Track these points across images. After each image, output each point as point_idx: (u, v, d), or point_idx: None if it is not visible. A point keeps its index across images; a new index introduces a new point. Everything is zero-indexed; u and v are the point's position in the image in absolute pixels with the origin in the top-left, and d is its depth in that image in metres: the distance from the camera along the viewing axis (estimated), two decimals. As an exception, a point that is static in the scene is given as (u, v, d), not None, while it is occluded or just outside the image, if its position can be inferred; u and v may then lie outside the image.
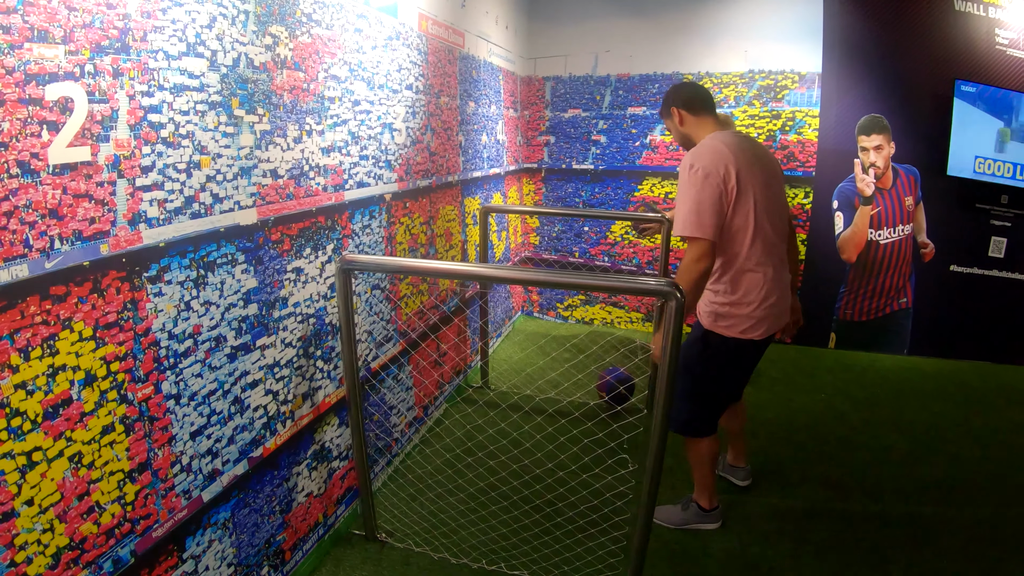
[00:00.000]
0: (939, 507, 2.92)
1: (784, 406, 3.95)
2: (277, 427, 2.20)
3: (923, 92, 4.54)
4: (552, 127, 5.31)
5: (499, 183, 4.69)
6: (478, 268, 2.46)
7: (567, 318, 5.59)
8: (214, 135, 1.81)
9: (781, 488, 3.04)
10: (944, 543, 2.66)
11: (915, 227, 4.75)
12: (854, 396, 4.16)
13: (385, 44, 2.78)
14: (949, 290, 4.82)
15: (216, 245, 1.85)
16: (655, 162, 5.10)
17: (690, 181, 2.26)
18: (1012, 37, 4.43)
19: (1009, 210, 4.60)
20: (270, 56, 2.03)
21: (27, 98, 1.29)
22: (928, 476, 3.18)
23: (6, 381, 1.31)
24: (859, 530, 2.74)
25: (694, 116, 2.47)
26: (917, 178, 4.67)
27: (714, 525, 2.73)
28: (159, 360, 1.68)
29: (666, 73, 4.93)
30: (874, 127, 4.62)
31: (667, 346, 1.97)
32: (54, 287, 1.39)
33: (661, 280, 1.96)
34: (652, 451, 2.06)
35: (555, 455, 2.96)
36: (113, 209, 1.51)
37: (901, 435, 3.62)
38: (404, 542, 2.61)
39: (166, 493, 1.73)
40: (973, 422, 3.81)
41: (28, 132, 1.30)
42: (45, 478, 1.40)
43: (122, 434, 1.58)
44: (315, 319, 2.39)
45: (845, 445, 3.49)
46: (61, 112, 1.36)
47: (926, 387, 4.35)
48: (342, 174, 2.51)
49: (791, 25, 4.61)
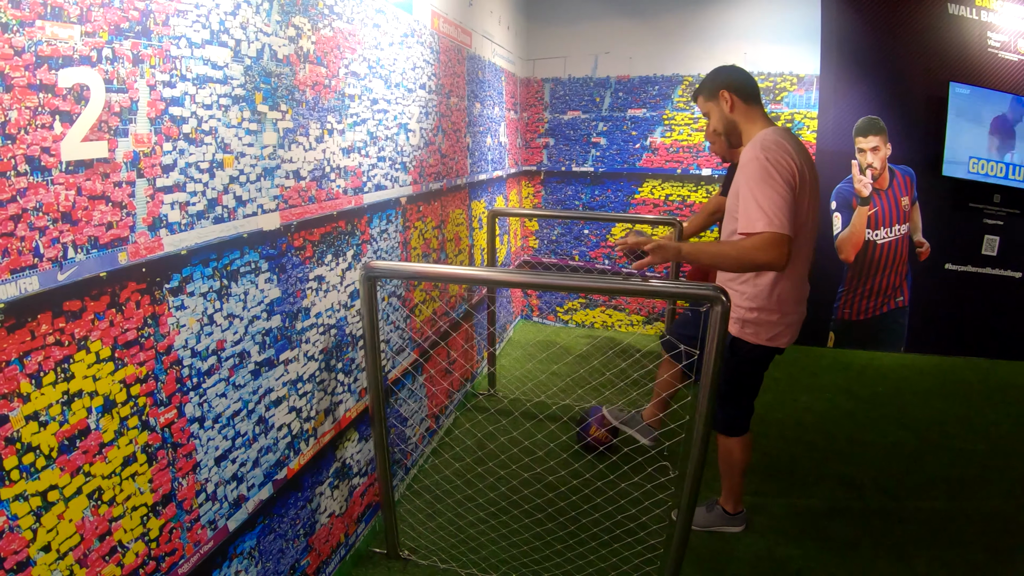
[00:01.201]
0: (952, 501, 2.87)
1: (790, 406, 3.85)
2: (300, 446, 1.98)
3: (918, 94, 4.47)
4: (551, 129, 5.12)
5: (501, 186, 4.49)
6: (510, 274, 2.24)
7: (567, 322, 5.40)
8: (237, 132, 1.59)
9: (798, 488, 2.96)
10: (961, 536, 2.62)
11: (911, 227, 4.66)
12: (857, 394, 4.06)
13: (401, 41, 2.57)
14: (944, 288, 4.75)
15: (239, 252, 1.63)
16: (655, 164, 4.93)
17: (764, 171, 1.99)
18: (1004, 40, 4.39)
19: (1001, 209, 4.55)
20: (293, 49, 1.82)
21: (38, 84, 1.07)
22: (938, 471, 3.12)
23: (16, 412, 1.09)
24: (879, 527, 2.67)
25: (745, 104, 2.22)
26: (913, 178, 4.58)
27: (738, 528, 2.61)
28: (182, 380, 1.46)
29: (666, 75, 4.77)
30: (871, 128, 4.51)
31: (711, 353, 1.83)
32: (68, 302, 1.17)
33: (706, 284, 1.81)
34: (693, 458, 1.94)
35: (570, 463, 2.78)
36: (132, 213, 1.29)
37: (907, 432, 3.55)
38: (428, 559, 2.40)
39: (191, 525, 1.51)
40: (974, 417, 3.77)
41: (39, 123, 1.08)
42: (63, 519, 1.18)
43: (144, 464, 1.36)
44: (336, 330, 2.18)
45: (854, 443, 3.41)
46: (76, 101, 1.14)
47: (925, 384, 4.27)
48: (361, 176, 2.29)
49: (790, 28, 4.48)
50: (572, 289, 2.51)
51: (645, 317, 5.20)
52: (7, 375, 1.07)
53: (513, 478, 2.81)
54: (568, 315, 5.39)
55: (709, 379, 1.86)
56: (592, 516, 2.55)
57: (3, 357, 1.06)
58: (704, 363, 1.86)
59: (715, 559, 2.46)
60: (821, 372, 4.40)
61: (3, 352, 1.06)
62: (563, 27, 4.90)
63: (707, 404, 1.89)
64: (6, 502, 1.08)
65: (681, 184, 4.91)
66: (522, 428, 3.26)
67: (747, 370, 2.33)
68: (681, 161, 4.88)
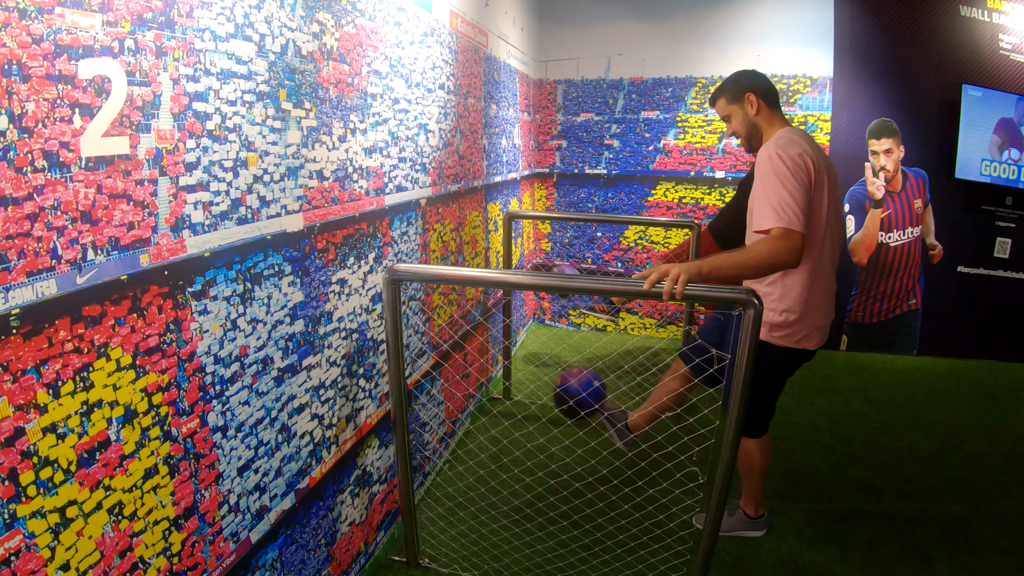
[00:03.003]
0: (971, 504, 2.80)
1: (807, 409, 3.76)
2: (322, 454, 1.89)
3: (931, 96, 4.38)
4: (564, 131, 5.02)
5: (515, 188, 4.39)
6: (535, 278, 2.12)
7: (579, 325, 5.30)
8: (261, 130, 1.50)
9: (817, 492, 2.88)
10: (981, 539, 2.55)
11: (924, 229, 4.56)
12: (872, 397, 3.97)
13: (421, 40, 2.48)
14: (957, 291, 4.65)
15: (263, 255, 1.54)
16: (669, 167, 4.83)
17: (776, 168, 1.94)
18: (1015, 42, 4.31)
19: (1014, 211, 4.46)
20: (317, 45, 1.73)
21: (57, 74, 0.98)
22: (955, 475, 3.05)
23: (33, 424, 1.00)
24: (899, 531, 2.60)
25: (769, 109, 2.16)
26: (926, 181, 4.48)
27: (759, 532, 2.54)
28: (204, 388, 1.37)
29: (679, 77, 4.67)
30: (884, 131, 4.42)
31: (743, 356, 1.75)
32: (87, 307, 1.08)
33: (738, 288, 1.73)
34: (724, 461, 1.86)
35: (596, 469, 2.68)
36: (154, 212, 1.20)
37: (923, 435, 3.47)
38: (449, 567, 2.31)
39: (214, 538, 1.42)
40: (989, 420, 3.68)
41: (58, 116, 0.99)
42: (82, 536, 1.09)
43: (166, 476, 1.27)
44: (357, 334, 2.09)
45: (871, 446, 3.33)
46: (96, 94, 1.05)
47: (939, 387, 4.18)
48: (383, 177, 2.20)
49: (803, 30, 4.39)
50: (601, 292, 2.44)
51: (658, 320, 5.11)
52: (23, 385, 0.98)
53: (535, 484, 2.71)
54: (580, 318, 5.29)
55: (740, 384, 1.78)
56: (618, 523, 2.45)
57: (19, 366, 0.97)
58: (735, 368, 1.78)
59: (738, 565, 2.38)
60: (835, 375, 4.30)
61: (19, 360, 0.97)
62: (576, 29, 4.80)
63: (738, 410, 1.81)
64: (23, 519, 0.99)
65: (695, 187, 4.81)
66: (540, 433, 3.16)
67: (773, 375, 2.24)
68: (695, 163, 4.78)
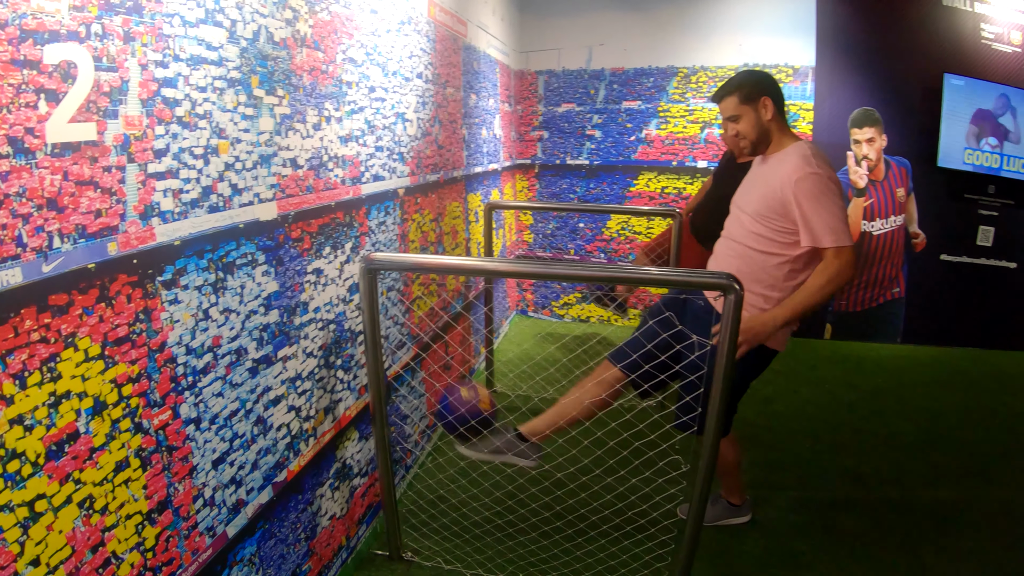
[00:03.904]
0: (956, 491, 2.85)
1: (792, 398, 3.80)
2: (300, 447, 1.89)
3: (913, 85, 4.42)
4: (545, 122, 5.02)
5: (496, 179, 4.39)
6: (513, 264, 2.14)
7: (562, 316, 5.32)
8: (232, 116, 1.49)
9: (804, 480, 2.91)
10: (967, 525, 2.60)
11: (907, 218, 4.62)
12: (857, 385, 4.02)
13: (398, 28, 2.47)
14: (940, 279, 4.71)
15: (235, 243, 1.54)
16: (651, 157, 4.85)
17: (825, 187, 1.97)
18: (997, 32, 4.36)
19: (996, 200, 4.52)
20: (290, 32, 1.72)
21: (22, 59, 0.97)
22: (941, 462, 3.10)
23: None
24: (885, 518, 2.64)
25: (780, 114, 2.15)
26: (908, 170, 4.54)
27: (745, 518, 2.57)
28: (176, 379, 1.36)
29: (660, 67, 4.69)
30: (866, 120, 4.46)
31: (724, 342, 1.76)
32: (54, 296, 1.07)
33: (718, 272, 1.75)
34: (706, 451, 1.90)
35: (578, 459, 2.69)
36: (123, 200, 1.19)
37: (908, 422, 3.52)
38: (432, 560, 2.31)
39: (189, 533, 1.41)
40: (973, 407, 3.74)
41: (23, 102, 0.98)
42: (52, 531, 1.08)
43: (138, 470, 1.26)
44: (335, 325, 2.09)
45: (857, 434, 3.38)
46: (63, 79, 1.04)
47: (923, 374, 4.24)
48: (359, 166, 2.20)
49: (785, 19, 4.42)
50: (578, 279, 2.43)
51: (641, 311, 5.13)
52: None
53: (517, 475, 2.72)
54: (564, 309, 5.31)
55: (723, 371, 1.79)
56: (601, 513, 2.47)
57: (-17, 356, 0.97)
58: (718, 355, 1.80)
59: (724, 554, 2.40)
60: (820, 364, 4.35)
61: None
62: (557, 19, 4.80)
63: (720, 397, 1.83)
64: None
65: (677, 176, 4.84)
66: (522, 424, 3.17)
67: (754, 374, 2.26)
68: (676, 153, 4.80)
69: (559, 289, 5.27)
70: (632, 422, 2.36)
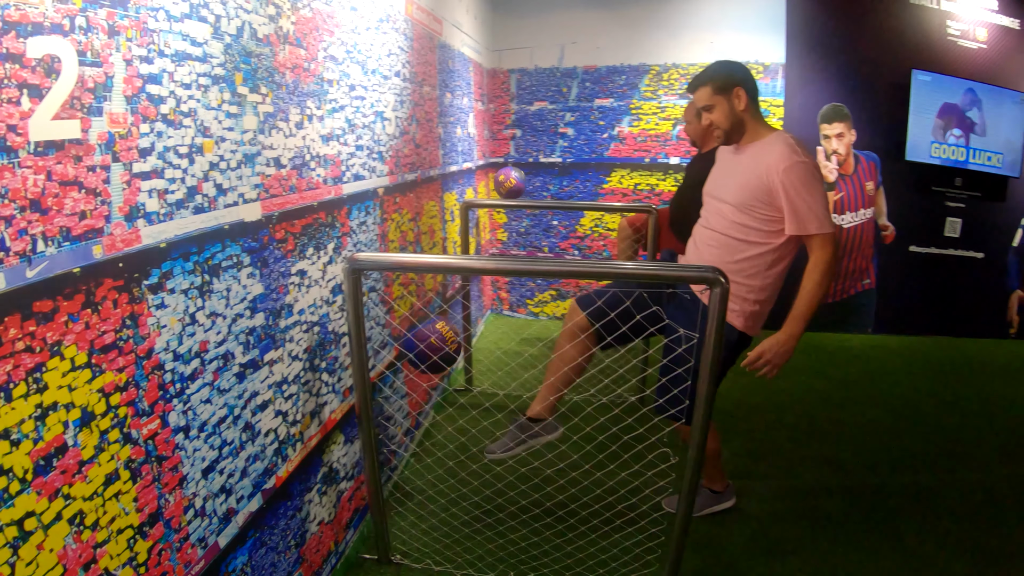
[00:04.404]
0: (933, 474, 2.92)
1: (768, 389, 3.80)
2: (288, 452, 1.84)
3: (881, 81, 4.52)
4: (518, 120, 5.00)
5: (471, 178, 4.36)
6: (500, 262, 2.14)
7: (538, 314, 5.30)
8: (217, 115, 1.44)
9: (784, 469, 2.95)
10: (945, 507, 2.66)
11: (876, 210, 4.71)
12: (831, 376, 4.08)
13: (377, 26, 2.42)
14: (909, 270, 4.81)
15: (221, 245, 1.49)
16: (623, 154, 4.86)
17: (812, 176, 2.02)
18: (963, 28, 4.48)
19: (963, 192, 4.64)
20: (273, 28, 1.67)
21: (4, 52, 0.92)
22: (916, 447, 3.17)
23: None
24: (866, 503, 2.68)
25: (754, 105, 2.17)
26: (877, 164, 4.63)
27: (729, 503, 2.60)
28: (164, 387, 1.31)
29: (633, 64, 4.70)
30: (835, 115, 4.54)
31: (711, 335, 1.78)
32: (38, 302, 1.02)
33: (703, 266, 1.79)
34: (694, 443, 1.91)
35: (566, 454, 2.68)
36: (107, 201, 1.14)
37: (882, 410, 3.59)
38: (422, 562, 2.28)
39: (181, 545, 1.36)
40: (945, 394, 3.83)
41: (5, 97, 0.93)
42: (43, 549, 1.03)
43: (128, 482, 1.21)
44: (319, 327, 2.04)
45: (833, 423, 3.43)
46: (46, 74, 0.99)
47: (895, 363, 4.33)
48: (340, 165, 2.15)
49: (755, 17, 4.47)
50: (565, 275, 2.43)
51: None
52: (-28, 388, 0.92)
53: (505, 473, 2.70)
54: (539, 307, 5.29)
55: (709, 364, 1.81)
56: (591, 508, 2.47)
57: (-34, 367, 0.91)
58: (704, 348, 1.82)
59: (711, 544, 2.41)
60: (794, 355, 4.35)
61: (-34, 362, 0.91)
62: (529, 17, 4.79)
63: (708, 389, 1.85)
64: (-23, 534, 0.93)
65: (650, 173, 4.86)
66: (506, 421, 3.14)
67: (732, 361, 2.27)
68: (649, 150, 4.83)
69: (534, 287, 5.26)
70: (621, 416, 2.37)
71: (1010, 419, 3.52)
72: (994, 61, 4.50)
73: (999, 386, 3.97)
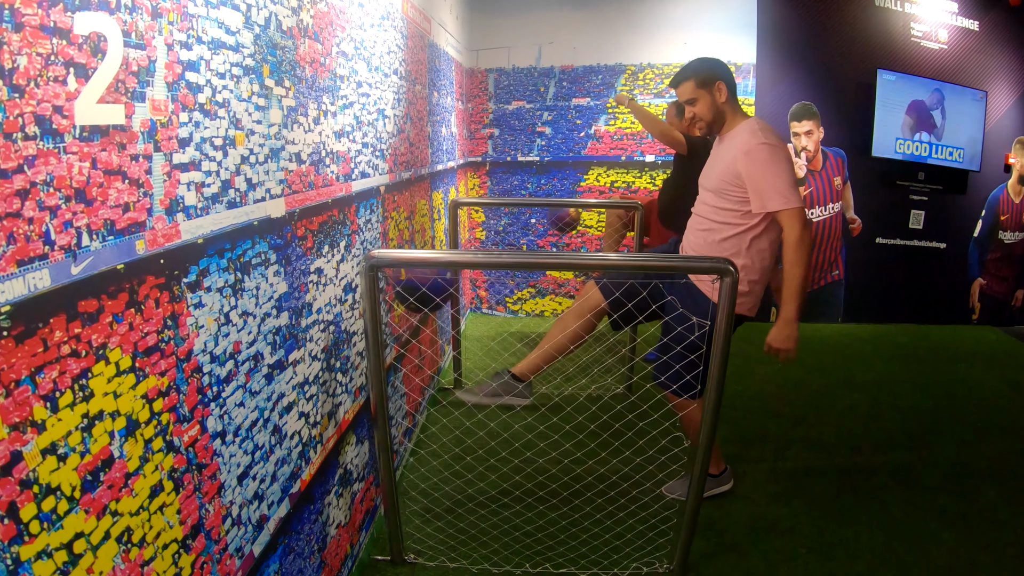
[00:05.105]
0: (912, 452, 3.00)
1: (749, 378, 3.85)
2: (310, 454, 1.74)
3: (848, 80, 4.60)
4: (496, 119, 4.92)
5: (453, 177, 4.26)
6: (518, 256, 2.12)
7: (517, 312, 5.23)
8: (247, 107, 1.33)
9: (774, 453, 2.98)
10: (927, 483, 2.73)
11: (843, 205, 4.79)
12: (807, 363, 4.10)
13: (379, 23, 2.32)
14: (876, 261, 4.91)
15: (251, 242, 1.38)
16: (600, 152, 4.83)
17: (773, 155, 2.10)
18: (925, 30, 4.59)
19: (926, 185, 4.75)
20: (295, 21, 1.56)
21: (52, 26, 0.81)
22: (895, 427, 3.24)
23: (31, 446, 0.82)
24: (853, 482, 2.73)
25: (733, 97, 2.29)
26: (844, 160, 4.70)
27: (727, 486, 2.61)
28: (202, 390, 1.20)
29: (609, 64, 4.67)
30: (804, 114, 4.59)
31: (721, 323, 1.85)
32: (83, 301, 0.90)
33: (714, 258, 1.85)
34: (705, 426, 1.96)
35: (560, 444, 2.62)
36: (149, 193, 1.03)
37: (858, 394, 3.65)
38: (436, 559, 2.19)
39: (220, 556, 1.25)
40: (916, 377, 3.91)
41: (51, 75, 0.81)
42: (92, 573, 0.91)
43: (172, 493, 1.10)
44: (333, 326, 1.93)
45: (814, 408, 3.47)
46: (92, 53, 0.88)
47: (865, 350, 4.39)
48: (350, 162, 2.05)
49: (727, 18, 4.49)
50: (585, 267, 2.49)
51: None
52: (18, 399, 0.80)
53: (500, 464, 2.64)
54: (518, 305, 5.22)
55: (719, 352, 1.87)
56: (607, 495, 2.45)
57: (11, 375, 0.79)
58: (715, 336, 1.88)
59: (714, 527, 2.41)
60: (769, 346, 4.41)
61: (12, 369, 0.79)
62: (507, 17, 4.71)
63: (718, 375, 1.90)
64: (28, 563, 0.81)
65: (626, 171, 4.83)
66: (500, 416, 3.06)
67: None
68: (625, 148, 4.80)
69: (513, 285, 5.19)
70: (634, 402, 2.36)
71: (978, 399, 3.61)
72: (955, 61, 4.62)
73: (965, 369, 4.07)
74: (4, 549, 0.78)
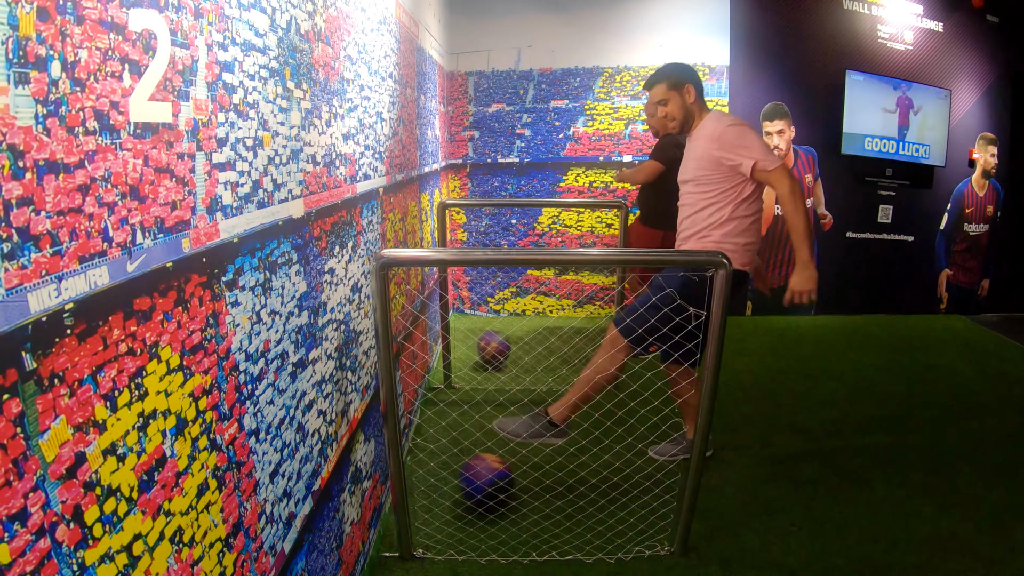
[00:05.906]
0: (891, 435, 3.07)
1: (728, 369, 3.87)
2: (328, 452, 1.72)
3: (818, 81, 4.69)
4: (476, 122, 4.91)
5: (437, 179, 4.24)
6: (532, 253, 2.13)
7: (499, 312, 5.23)
8: (273, 108, 1.32)
9: (760, 439, 3.03)
10: (908, 463, 2.80)
11: (815, 201, 4.88)
12: (784, 354, 4.20)
13: (377, 28, 2.31)
14: (847, 254, 5.02)
15: (276, 241, 1.36)
16: (579, 153, 4.86)
17: (741, 131, 2.31)
18: (892, 32, 4.71)
19: (893, 181, 4.87)
20: (311, 25, 1.55)
21: (109, 21, 0.79)
22: (873, 412, 3.31)
23: (92, 447, 0.80)
24: (837, 463, 2.80)
25: (700, 99, 2.46)
26: (815, 157, 4.79)
27: (708, 452, 2.68)
28: (239, 388, 1.19)
29: (587, 67, 4.70)
30: (776, 113, 4.67)
31: (717, 313, 1.93)
32: (138, 299, 0.89)
33: (708, 251, 1.98)
34: (703, 410, 2.04)
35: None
36: (193, 191, 1.01)
37: (835, 381, 3.73)
38: (444, 553, 2.18)
39: (257, 554, 1.24)
40: (889, 365, 4.01)
41: (108, 71, 0.80)
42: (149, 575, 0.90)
43: (216, 491, 1.09)
44: (344, 325, 1.92)
45: (794, 396, 3.54)
46: (144, 50, 0.86)
47: (839, 340, 4.49)
48: (355, 164, 2.03)
49: (701, 21, 4.55)
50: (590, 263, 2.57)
51: (575, 300, 5.14)
52: (80, 399, 0.78)
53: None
54: (499, 304, 5.22)
55: (716, 339, 1.97)
56: (610, 481, 2.50)
57: (75, 375, 0.77)
58: (711, 325, 1.97)
59: (710, 510, 2.45)
60: (745, 338, 4.50)
61: (75, 368, 0.77)
62: (486, 21, 4.71)
63: (715, 361, 1.99)
64: (92, 568, 0.79)
65: (604, 171, 4.87)
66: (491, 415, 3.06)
67: (739, 291, 2.44)
68: (603, 149, 4.84)
69: (494, 285, 5.19)
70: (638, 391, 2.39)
71: (949, 384, 3.71)
72: (920, 61, 4.75)
73: (935, 356, 4.19)
74: (71, 554, 0.76)
